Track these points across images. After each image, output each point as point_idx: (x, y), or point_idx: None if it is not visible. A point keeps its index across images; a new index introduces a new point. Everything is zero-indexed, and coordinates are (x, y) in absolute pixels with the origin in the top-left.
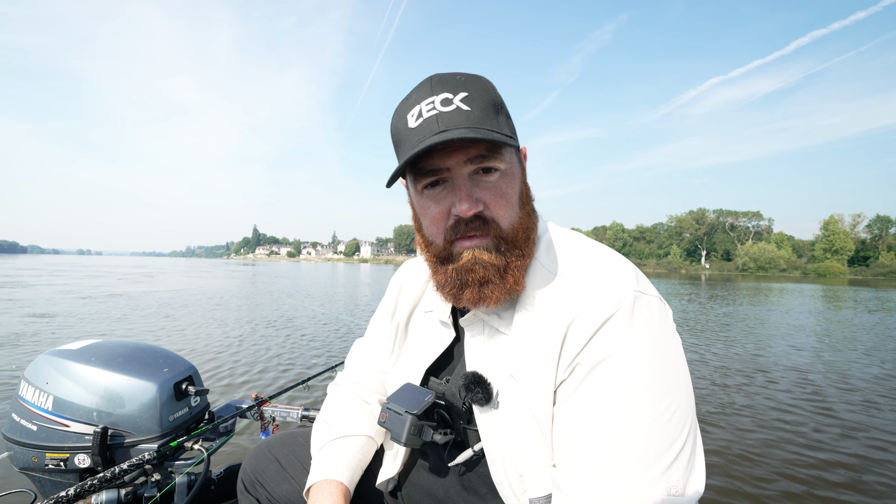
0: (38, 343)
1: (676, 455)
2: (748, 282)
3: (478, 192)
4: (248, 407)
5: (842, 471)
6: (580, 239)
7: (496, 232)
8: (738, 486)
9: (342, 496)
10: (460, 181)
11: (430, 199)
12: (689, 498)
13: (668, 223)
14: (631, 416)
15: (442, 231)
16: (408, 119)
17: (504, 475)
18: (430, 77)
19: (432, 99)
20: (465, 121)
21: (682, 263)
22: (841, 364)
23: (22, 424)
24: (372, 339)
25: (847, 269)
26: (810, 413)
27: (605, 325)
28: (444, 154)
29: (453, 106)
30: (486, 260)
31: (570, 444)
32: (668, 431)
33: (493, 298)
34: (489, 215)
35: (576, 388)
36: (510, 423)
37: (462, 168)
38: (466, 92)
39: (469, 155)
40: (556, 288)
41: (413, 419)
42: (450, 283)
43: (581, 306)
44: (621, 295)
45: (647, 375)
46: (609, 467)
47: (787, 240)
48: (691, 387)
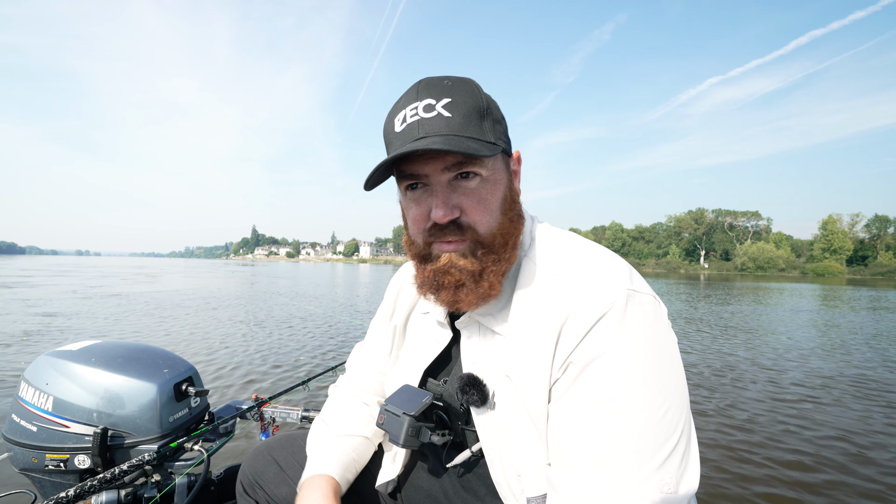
0: (40, 342)
1: (669, 453)
2: (747, 281)
3: (455, 198)
4: (248, 408)
5: (832, 470)
6: (574, 239)
7: (473, 237)
8: (729, 485)
9: (331, 490)
10: (438, 187)
11: (412, 201)
12: (681, 496)
13: (667, 223)
14: (624, 413)
15: (422, 232)
16: (395, 123)
17: (503, 475)
18: (419, 81)
19: (416, 105)
20: (444, 128)
21: (681, 263)
22: (841, 363)
23: (22, 425)
24: (372, 342)
25: (846, 268)
26: (805, 412)
27: (598, 323)
28: (423, 160)
29: (434, 112)
30: (461, 265)
31: (563, 442)
32: (662, 429)
33: (467, 302)
34: (466, 221)
35: (569, 386)
36: (507, 423)
37: (440, 175)
38: (450, 98)
39: (447, 163)
40: (550, 287)
41: (411, 420)
42: (428, 283)
43: (574, 305)
44: (614, 293)
45: (640, 373)
46: (602, 465)
47: (785, 239)
48: (686, 385)
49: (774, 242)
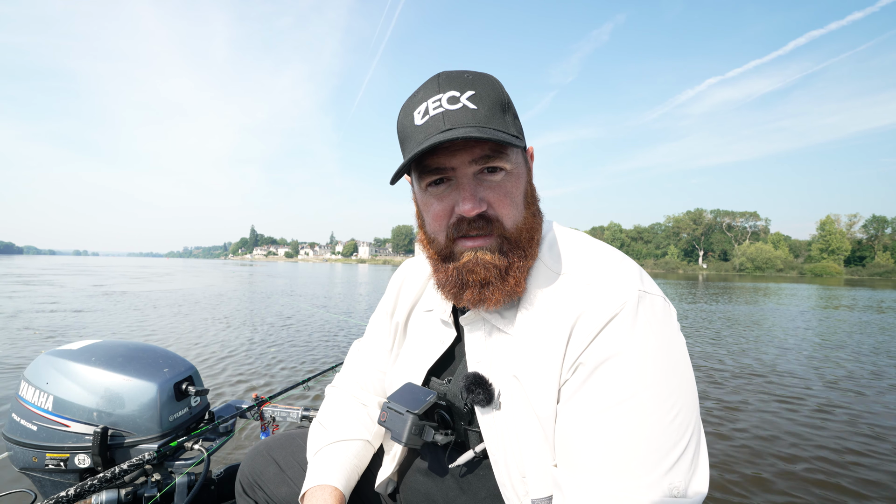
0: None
1: (679, 456)
2: (745, 282)
3: (482, 192)
4: (248, 407)
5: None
6: (584, 238)
7: (500, 232)
8: (739, 488)
9: (336, 502)
10: (465, 180)
11: (433, 197)
12: (691, 499)
13: (666, 223)
14: (633, 416)
15: (444, 229)
16: (414, 116)
17: (507, 477)
18: (438, 74)
19: (439, 97)
20: (471, 119)
21: (680, 264)
22: (841, 363)
23: (22, 424)
24: (371, 339)
25: (843, 269)
26: (810, 412)
27: (609, 324)
28: (449, 153)
29: (460, 104)
30: (487, 261)
31: (571, 443)
32: (671, 432)
33: (494, 300)
34: (493, 215)
35: (578, 387)
36: (513, 423)
37: (467, 168)
38: (474, 90)
39: (474, 155)
40: (560, 287)
41: (414, 419)
42: (450, 283)
43: (585, 305)
44: (625, 294)
45: (650, 375)
46: (610, 468)
47: (783, 240)
48: (695, 387)
49: (772, 243)
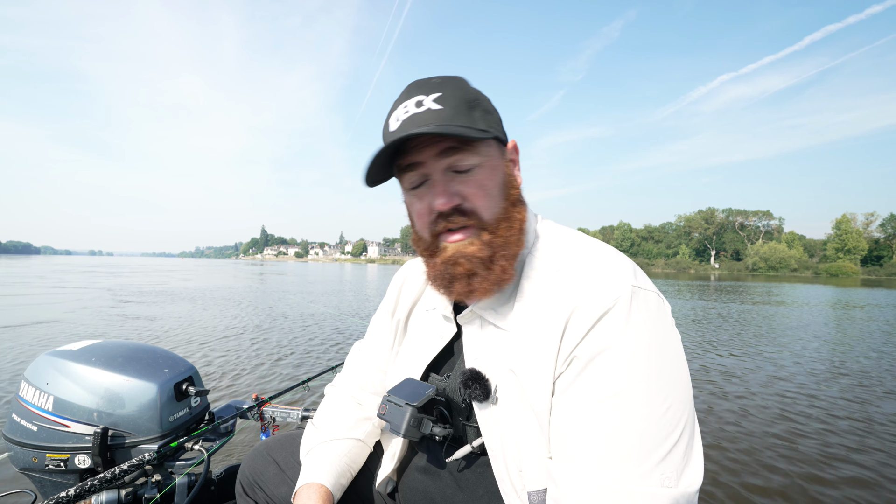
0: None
1: (671, 448)
2: (758, 282)
3: (455, 186)
4: (249, 407)
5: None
6: (577, 235)
7: (478, 223)
8: (732, 482)
9: (322, 499)
10: (437, 176)
11: (415, 198)
12: (682, 491)
13: (677, 223)
14: (626, 408)
15: (427, 226)
16: (390, 123)
17: (505, 470)
18: (410, 83)
19: (406, 103)
20: (433, 119)
21: (692, 263)
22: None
23: (22, 425)
24: (372, 339)
25: (860, 268)
26: (812, 412)
27: (603, 318)
28: (416, 150)
29: (424, 107)
30: (470, 252)
31: (564, 436)
32: (664, 425)
33: (482, 290)
34: (469, 207)
35: (572, 380)
36: (510, 418)
37: (436, 162)
38: (440, 92)
39: (440, 148)
40: (554, 283)
41: (413, 411)
42: (440, 276)
43: (579, 300)
44: (619, 289)
45: (643, 369)
46: (602, 459)
47: (798, 239)
48: (689, 382)
49: (786, 242)
